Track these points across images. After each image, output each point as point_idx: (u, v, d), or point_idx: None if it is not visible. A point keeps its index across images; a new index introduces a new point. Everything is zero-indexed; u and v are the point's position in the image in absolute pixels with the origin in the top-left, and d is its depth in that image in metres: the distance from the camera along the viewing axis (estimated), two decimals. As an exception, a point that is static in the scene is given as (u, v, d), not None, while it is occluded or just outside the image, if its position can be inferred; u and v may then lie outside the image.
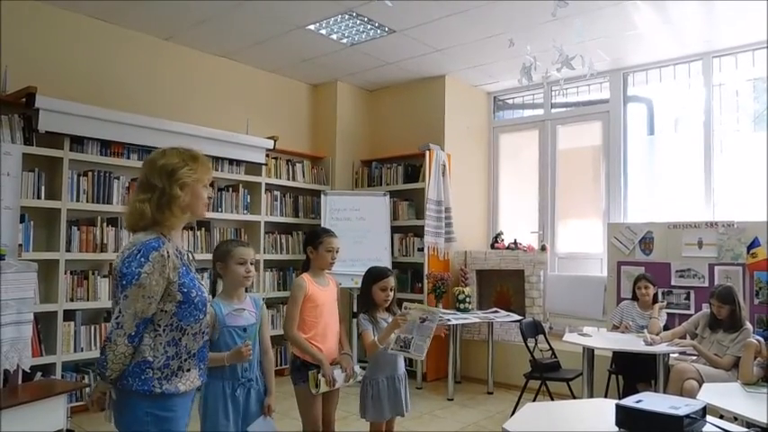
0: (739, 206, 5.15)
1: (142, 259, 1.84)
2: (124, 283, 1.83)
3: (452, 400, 5.19)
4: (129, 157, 4.89)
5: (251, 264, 2.61)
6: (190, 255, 2.09)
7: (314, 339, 2.95)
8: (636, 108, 6.02)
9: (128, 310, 1.83)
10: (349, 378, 2.96)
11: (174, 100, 5.43)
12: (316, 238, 3.08)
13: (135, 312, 1.83)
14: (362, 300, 3.18)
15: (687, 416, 1.90)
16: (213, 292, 2.73)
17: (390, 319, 3.08)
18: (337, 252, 3.11)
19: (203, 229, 5.39)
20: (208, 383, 2.52)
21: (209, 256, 5.46)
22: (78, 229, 4.54)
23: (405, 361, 5.94)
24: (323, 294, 3.03)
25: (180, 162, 1.97)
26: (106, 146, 4.74)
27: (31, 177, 4.28)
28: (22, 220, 4.14)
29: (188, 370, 1.95)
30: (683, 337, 4.18)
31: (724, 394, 2.79)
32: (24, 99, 4.20)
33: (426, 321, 2.98)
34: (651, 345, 4.04)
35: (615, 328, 4.68)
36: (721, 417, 2.52)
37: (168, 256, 1.87)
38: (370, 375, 3.05)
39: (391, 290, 3.11)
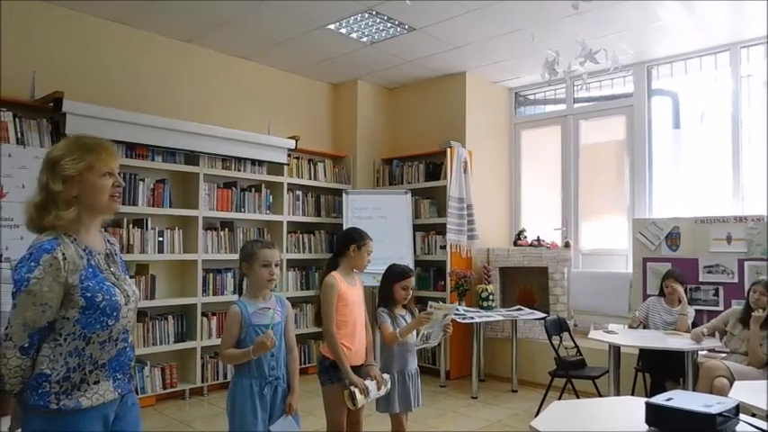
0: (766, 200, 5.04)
1: (32, 264, 1.65)
2: (14, 290, 1.66)
3: (476, 398, 5.16)
4: (153, 159, 4.96)
5: (275, 266, 2.61)
6: (111, 253, 1.90)
7: (344, 338, 2.96)
8: (661, 101, 5.92)
9: (16, 320, 1.65)
10: (380, 386, 2.97)
11: (197, 102, 5.49)
12: (360, 239, 3.10)
13: (25, 322, 1.65)
14: (382, 295, 3.24)
15: (720, 414, 1.86)
16: (240, 290, 2.74)
17: (408, 316, 3.21)
18: None
19: (226, 229, 5.44)
20: (236, 382, 2.54)
21: (233, 256, 5.55)
22: (105, 231, 4.60)
23: (427, 359, 5.99)
24: (352, 293, 3.06)
25: (64, 153, 1.75)
26: (131, 148, 4.81)
27: (60, 180, 4.36)
28: (50, 222, 4.22)
29: (95, 382, 1.74)
30: (713, 335, 4.11)
31: (756, 392, 2.72)
32: (52, 104, 4.28)
33: (446, 317, 3.19)
34: (699, 343, 3.96)
35: (634, 323, 4.59)
36: (753, 415, 2.47)
37: (65, 259, 1.67)
38: (383, 369, 3.13)
39: (411, 289, 3.22)
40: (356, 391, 2.84)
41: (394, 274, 3.20)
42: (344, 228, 5.83)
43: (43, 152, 4.15)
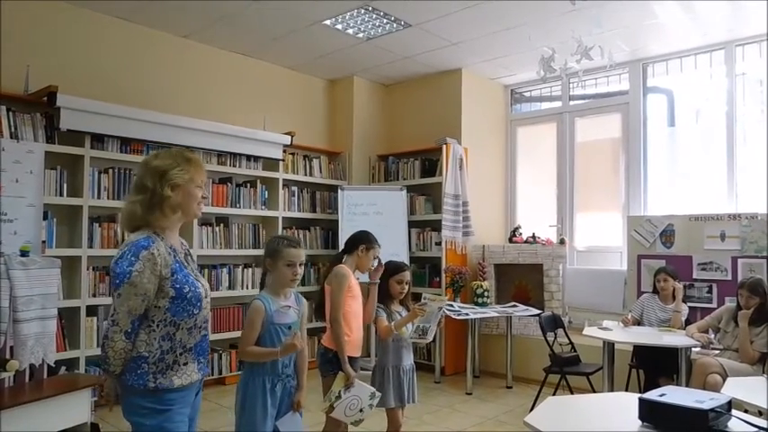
0: (763, 197, 5.05)
1: (132, 258, 1.90)
2: (117, 282, 1.90)
3: (471, 394, 5.18)
4: (148, 154, 4.93)
5: (300, 265, 2.58)
6: (187, 252, 2.14)
7: (345, 328, 3.01)
8: (656, 99, 5.93)
9: (121, 307, 1.90)
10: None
11: (193, 97, 5.46)
12: (369, 241, 3.20)
13: (129, 310, 1.90)
14: (380, 292, 3.27)
15: (712, 409, 1.88)
16: (262, 285, 2.71)
17: (404, 312, 3.24)
18: None
19: (222, 224, 5.43)
20: (248, 378, 2.53)
21: (229, 252, 5.54)
22: (99, 226, 4.60)
23: (422, 355, 6.00)
24: (357, 288, 3.14)
25: (172, 163, 2.02)
26: (126, 143, 4.79)
27: (54, 175, 4.35)
28: (45, 217, 4.21)
29: (184, 364, 2.00)
30: (706, 332, 4.13)
31: (749, 388, 2.74)
32: (46, 98, 4.26)
33: (440, 309, 3.25)
34: (702, 343, 3.98)
35: (626, 323, 4.57)
36: (746, 411, 2.48)
37: (159, 254, 1.93)
38: (378, 363, 3.19)
39: (407, 283, 3.26)
40: (343, 391, 2.84)
41: (389, 269, 3.25)
42: (340, 224, 5.85)
43: (37, 146, 4.16)
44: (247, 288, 5.56)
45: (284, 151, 5.91)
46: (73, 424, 3.30)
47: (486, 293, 5.71)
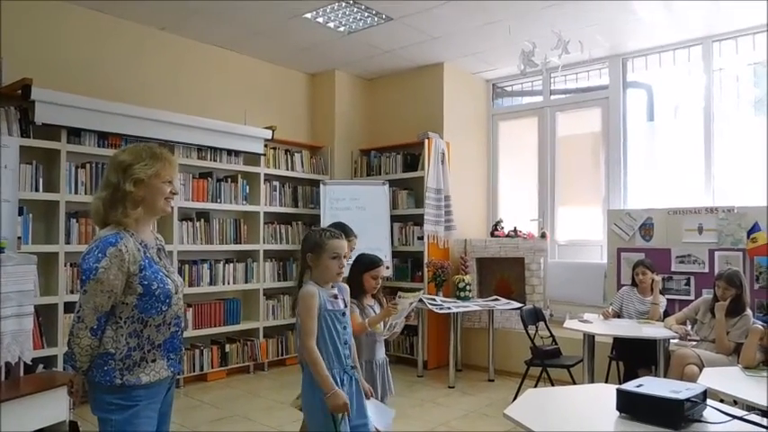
0: (739, 191, 5.14)
1: (99, 255, 1.89)
2: (83, 278, 1.89)
3: (453, 387, 5.20)
4: (117, 150, 4.86)
5: (345, 257, 2.48)
6: (161, 248, 2.12)
7: None
8: (635, 94, 5.99)
9: (87, 304, 1.89)
10: None
11: (172, 91, 5.40)
12: (345, 233, 3.08)
13: (95, 306, 1.89)
14: (352, 285, 3.12)
15: (688, 399, 1.91)
16: (300, 284, 2.52)
17: (376, 306, 3.14)
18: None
19: (202, 220, 5.38)
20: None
21: (209, 247, 5.50)
22: (77, 222, 4.53)
23: (404, 349, 6.00)
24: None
25: (136, 158, 2.01)
26: (103, 137, 4.72)
27: (29, 170, 4.27)
28: (20, 212, 4.13)
29: (153, 361, 1.98)
30: (684, 323, 4.19)
31: (724, 378, 2.79)
32: (20, 91, 4.17)
33: (411, 304, 3.20)
34: (680, 334, 4.04)
35: (606, 312, 4.63)
36: (721, 401, 2.52)
37: (127, 251, 1.91)
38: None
39: (381, 278, 3.15)
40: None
41: (364, 263, 3.12)
42: (322, 218, 5.83)
43: (12, 141, 4.08)
44: (228, 284, 5.52)
45: (265, 146, 5.87)
46: (51, 422, 3.25)
47: (468, 287, 5.73)
